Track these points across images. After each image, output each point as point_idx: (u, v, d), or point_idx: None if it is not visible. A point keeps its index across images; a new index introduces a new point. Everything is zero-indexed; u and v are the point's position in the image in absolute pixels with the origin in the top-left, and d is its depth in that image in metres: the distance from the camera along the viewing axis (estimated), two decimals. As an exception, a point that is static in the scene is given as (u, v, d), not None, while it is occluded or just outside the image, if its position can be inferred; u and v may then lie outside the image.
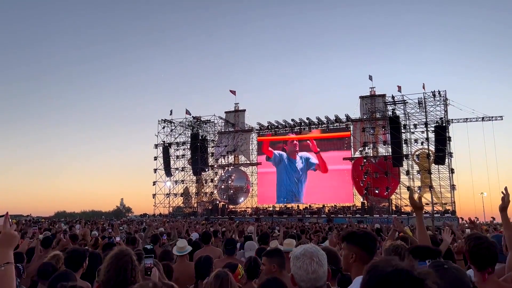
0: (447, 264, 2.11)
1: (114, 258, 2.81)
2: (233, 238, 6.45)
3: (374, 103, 46.64)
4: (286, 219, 40.27)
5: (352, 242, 2.67)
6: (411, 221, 35.66)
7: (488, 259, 2.92)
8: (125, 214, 74.79)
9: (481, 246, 2.93)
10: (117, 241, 6.59)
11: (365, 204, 43.88)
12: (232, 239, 6.30)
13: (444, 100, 43.08)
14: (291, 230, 13.62)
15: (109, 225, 18.29)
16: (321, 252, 2.49)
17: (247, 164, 55.07)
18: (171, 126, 53.25)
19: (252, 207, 52.56)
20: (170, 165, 52.58)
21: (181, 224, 15.73)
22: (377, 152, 46.21)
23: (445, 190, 42.73)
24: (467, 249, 3.01)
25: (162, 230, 12.28)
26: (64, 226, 17.77)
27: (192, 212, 51.37)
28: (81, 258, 3.94)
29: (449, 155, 41.98)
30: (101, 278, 2.79)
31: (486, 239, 2.99)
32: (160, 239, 8.63)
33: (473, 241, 2.98)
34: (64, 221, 25.88)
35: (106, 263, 2.83)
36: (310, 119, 49.89)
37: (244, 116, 55.42)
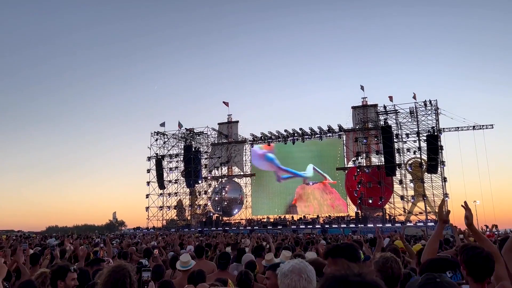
0: (440, 278, 2.06)
1: (112, 272, 2.81)
2: (227, 252, 6.37)
3: (366, 113, 46.94)
4: (280, 230, 40.06)
5: (337, 255, 2.63)
6: (405, 231, 35.67)
7: (487, 269, 2.86)
8: (118, 227, 73.95)
9: (479, 256, 2.87)
10: (107, 261, 6.21)
11: (359, 214, 43.86)
12: (226, 253, 6.22)
13: (436, 109, 43.50)
14: (286, 241, 13.49)
15: (101, 240, 17.98)
16: (309, 267, 2.42)
17: (240, 175, 54.93)
18: (164, 138, 53.09)
19: (246, 218, 52.28)
20: (163, 177, 52.29)
21: (174, 237, 15.55)
22: (370, 162, 46.38)
23: (438, 199, 42.83)
24: (463, 260, 2.95)
25: (154, 244, 12.12)
26: (54, 241, 17.47)
27: (186, 225, 50.94)
28: (58, 276, 3.83)
29: (442, 163, 42.24)
30: None
31: (483, 249, 2.94)
32: (153, 253, 8.50)
33: (470, 251, 2.92)
34: (54, 236, 25.46)
35: (104, 277, 2.83)
36: (303, 130, 50.04)
37: (237, 127, 55.46)
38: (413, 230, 37.62)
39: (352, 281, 1.19)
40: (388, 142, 42.46)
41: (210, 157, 53.88)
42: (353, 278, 1.20)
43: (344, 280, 1.19)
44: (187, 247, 11.10)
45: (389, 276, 3.08)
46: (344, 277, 1.21)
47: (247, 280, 4.02)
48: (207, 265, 6.33)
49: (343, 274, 1.22)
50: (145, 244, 12.17)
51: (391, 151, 42.45)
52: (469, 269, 2.91)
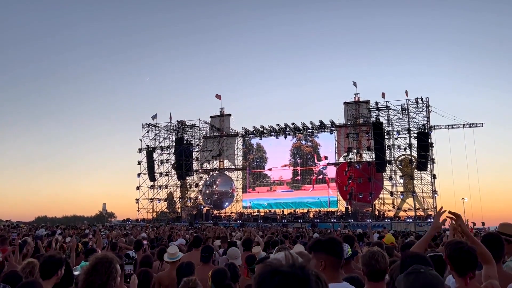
0: (424, 269, 2.09)
1: (97, 262, 2.81)
2: (210, 245, 6.37)
3: (358, 109, 47.13)
4: (270, 224, 40.21)
5: (319, 250, 2.64)
6: (394, 227, 36.08)
7: (469, 264, 2.91)
8: (108, 219, 73.66)
9: (462, 250, 2.92)
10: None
11: (349, 209, 44.17)
12: (209, 246, 6.22)
13: (427, 107, 43.80)
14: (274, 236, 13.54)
15: (90, 231, 17.92)
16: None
17: (232, 169, 54.93)
18: (156, 130, 52.82)
19: (237, 212, 52.37)
20: (154, 169, 52.11)
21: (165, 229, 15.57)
22: (361, 158, 46.65)
23: (427, 196, 43.32)
24: (447, 255, 3.00)
25: (144, 236, 12.12)
26: (44, 232, 17.36)
27: (176, 217, 50.90)
28: (56, 266, 3.83)
29: (431, 161, 42.64)
30: (81, 283, 2.78)
31: (466, 244, 3.00)
32: (144, 245, 8.50)
33: (453, 246, 2.98)
34: (43, 226, 25.29)
35: (87, 266, 2.83)
36: (295, 124, 50.15)
37: (230, 121, 55.39)
38: (401, 226, 38.09)
39: (283, 271, 1.18)
40: (379, 138, 42.74)
41: (202, 150, 53.78)
42: (286, 269, 1.19)
43: (275, 270, 1.19)
44: (176, 240, 11.11)
45: (375, 270, 3.12)
46: (277, 267, 1.21)
47: (235, 274, 4.04)
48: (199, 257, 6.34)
49: (277, 264, 1.22)
50: (134, 237, 12.14)
51: (382, 148, 42.75)
52: (452, 264, 2.97)
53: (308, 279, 1.18)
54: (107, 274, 2.77)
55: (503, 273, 3.40)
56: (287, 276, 1.17)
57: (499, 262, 3.47)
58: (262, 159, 53.48)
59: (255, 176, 53.54)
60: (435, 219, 3.55)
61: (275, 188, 51.75)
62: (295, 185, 50.67)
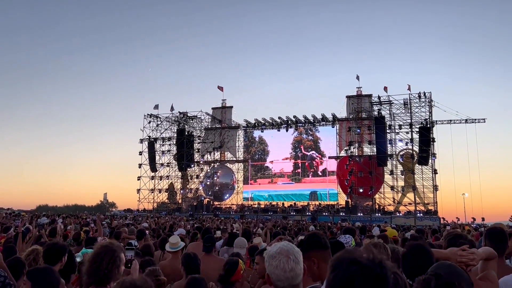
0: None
1: (101, 249, 2.87)
2: (212, 235, 6.41)
3: (360, 103, 47.02)
4: (270, 216, 40.36)
5: (306, 249, 2.61)
6: (394, 221, 36.19)
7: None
8: (109, 209, 73.90)
9: (461, 243, 2.94)
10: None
11: (349, 203, 44.25)
12: (211, 236, 6.26)
13: (429, 102, 43.63)
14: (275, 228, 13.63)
15: (91, 220, 18.05)
16: (296, 249, 2.44)
17: (233, 161, 54.99)
18: (157, 121, 52.82)
19: (237, 204, 52.55)
20: (155, 160, 52.19)
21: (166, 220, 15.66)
22: (362, 152, 46.63)
23: (428, 191, 43.35)
24: (446, 246, 3.03)
25: (145, 225, 12.20)
26: (46, 220, 17.48)
27: (177, 208, 51.08)
28: (59, 253, 3.88)
29: (433, 156, 42.56)
30: (85, 270, 2.84)
31: (466, 237, 3.02)
32: (146, 235, 8.58)
33: (452, 240, 3.00)
34: (45, 215, 25.44)
35: (92, 253, 2.89)
36: (297, 117, 50.07)
37: (231, 113, 55.33)
38: (402, 220, 38.21)
39: (362, 263, 1.17)
40: (381, 132, 42.64)
41: (203, 141, 53.79)
42: (365, 261, 1.18)
43: (354, 260, 1.18)
44: (177, 231, 11.18)
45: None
46: (357, 257, 1.20)
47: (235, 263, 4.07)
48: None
49: (358, 254, 1.21)
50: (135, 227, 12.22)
51: (384, 142, 42.65)
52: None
53: (386, 277, 1.16)
54: (111, 263, 2.81)
55: (505, 267, 3.40)
56: (364, 268, 1.16)
57: (502, 256, 3.47)
58: (264, 151, 53.58)
59: (257, 168, 53.70)
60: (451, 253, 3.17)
61: (276, 180, 51.94)
62: (296, 178, 50.81)
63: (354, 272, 1.14)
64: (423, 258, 2.48)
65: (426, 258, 2.50)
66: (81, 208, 78.92)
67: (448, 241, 3.01)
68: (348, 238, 4.77)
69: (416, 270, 2.41)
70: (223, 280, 3.61)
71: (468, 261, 2.51)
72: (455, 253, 2.61)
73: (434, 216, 39.96)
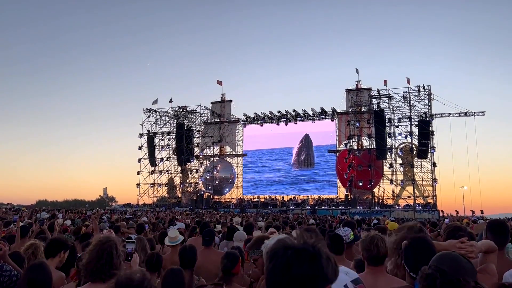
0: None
1: (99, 242, 2.89)
2: (211, 229, 6.41)
3: (359, 96, 46.94)
4: (270, 210, 40.46)
5: None
6: (393, 214, 36.29)
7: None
8: (109, 203, 73.99)
9: (460, 235, 2.94)
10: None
11: (349, 196, 44.34)
12: (211, 230, 6.27)
13: (428, 95, 43.56)
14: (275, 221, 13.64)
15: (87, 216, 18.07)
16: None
17: (232, 155, 55.02)
18: (156, 115, 52.73)
19: (237, 198, 52.64)
20: (155, 154, 52.18)
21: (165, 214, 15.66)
22: (362, 145, 46.63)
23: (427, 184, 43.46)
24: (445, 238, 3.03)
25: (145, 220, 12.21)
26: (46, 215, 17.49)
27: (177, 203, 51.17)
28: (60, 246, 3.89)
29: (432, 149, 42.58)
30: (83, 261, 2.87)
31: (465, 229, 3.02)
32: (145, 229, 8.58)
33: (451, 230, 3.00)
34: (45, 210, 25.47)
35: (90, 246, 2.91)
36: (296, 111, 50.02)
37: (231, 107, 55.24)
38: (401, 213, 38.31)
39: (296, 247, 1.25)
40: (380, 126, 42.62)
41: (203, 136, 53.77)
42: (298, 245, 1.26)
43: (288, 246, 1.26)
44: (176, 225, 11.19)
45: (375, 254, 3.14)
46: (290, 243, 1.27)
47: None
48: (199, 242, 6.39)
49: (290, 241, 1.29)
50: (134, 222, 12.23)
51: (383, 135, 42.66)
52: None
53: (319, 255, 1.23)
54: (109, 256, 2.82)
55: (504, 260, 3.40)
56: (299, 251, 1.23)
57: (503, 248, 3.47)
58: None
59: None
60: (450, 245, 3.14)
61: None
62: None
63: (290, 255, 1.22)
64: (425, 251, 2.50)
65: (429, 251, 2.51)
66: (81, 203, 78.97)
67: (447, 233, 3.01)
68: (346, 231, 4.77)
69: (419, 263, 2.42)
70: (226, 271, 3.65)
71: (467, 253, 2.52)
72: (454, 245, 2.62)
73: (434, 209, 40.07)
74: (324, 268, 1.23)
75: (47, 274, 3.16)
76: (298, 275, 1.20)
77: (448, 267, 1.94)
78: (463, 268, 1.96)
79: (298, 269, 1.20)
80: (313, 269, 1.21)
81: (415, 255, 2.48)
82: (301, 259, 1.21)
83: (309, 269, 1.21)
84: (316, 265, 1.22)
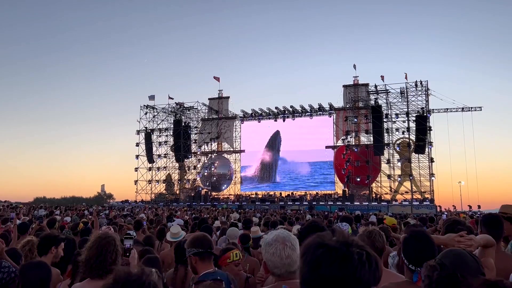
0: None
1: (98, 238, 2.90)
2: (209, 226, 6.42)
3: (357, 92, 46.96)
4: (268, 206, 40.51)
5: (305, 236, 2.61)
6: (391, 209, 36.41)
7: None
8: (106, 200, 73.98)
9: (459, 229, 2.95)
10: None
11: (346, 192, 44.44)
12: (208, 226, 6.28)
13: (426, 90, 43.64)
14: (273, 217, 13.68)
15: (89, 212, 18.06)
16: (292, 236, 2.44)
17: (230, 151, 55.01)
18: (154, 112, 52.62)
19: (235, 194, 52.69)
20: (152, 151, 52.11)
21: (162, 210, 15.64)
22: (359, 141, 46.68)
23: (424, 179, 43.60)
24: (444, 232, 3.04)
25: (143, 216, 12.21)
26: (43, 212, 17.47)
27: (175, 199, 51.19)
28: (50, 242, 3.89)
29: (429, 144, 42.69)
30: (82, 257, 2.88)
31: (464, 223, 3.02)
32: (143, 225, 8.58)
33: (450, 224, 3.01)
34: (42, 207, 25.44)
35: (89, 243, 2.92)
36: (294, 107, 50.03)
37: (228, 103, 55.20)
38: (398, 208, 38.44)
39: (329, 245, 1.19)
40: (378, 121, 42.68)
41: (200, 132, 53.73)
42: (332, 243, 1.20)
43: (322, 243, 1.20)
44: (175, 221, 11.19)
45: (373, 249, 3.14)
46: (325, 240, 1.21)
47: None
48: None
49: (327, 238, 1.22)
50: (132, 218, 12.23)
51: (380, 131, 42.73)
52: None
53: (351, 256, 1.16)
54: (108, 252, 2.83)
55: (502, 253, 3.41)
56: (330, 250, 1.17)
57: (499, 241, 3.48)
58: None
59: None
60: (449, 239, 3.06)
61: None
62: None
63: (321, 254, 1.17)
64: (424, 244, 2.53)
65: (428, 244, 2.54)
66: (78, 200, 78.98)
67: (446, 227, 3.02)
68: (345, 226, 4.78)
69: (418, 256, 2.44)
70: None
71: (466, 247, 2.52)
72: (452, 239, 2.62)
73: (431, 204, 40.23)
74: (358, 271, 1.15)
75: (45, 272, 3.16)
76: (326, 275, 1.14)
77: (450, 262, 1.95)
78: (466, 264, 1.97)
79: (327, 269, 1.15)
80: (342, 271, 1.14)
81: (414, 247, 2.51)
82: (331, 259, 1.16)
83: (339, 271, 1.14)
84: (347, 266, 1.15)
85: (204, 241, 3.29)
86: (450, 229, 2.97)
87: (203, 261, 3.19)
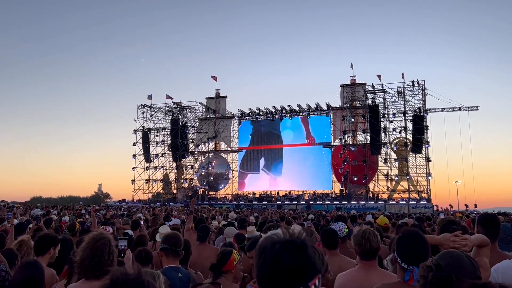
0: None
1: (92, 239, 2.88)
2: (206, 225, 6.42)
3: (354, 91, 46.98)
4: (265, 205, 40.51)
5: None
6: (388, 209, 36.49)
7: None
8: (103, 200, 73.78)
9: (454, 229, 2.96)
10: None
11: (343, 191, 44.50)
12: (205, 225, 6.27)
13: (423, 90, 43.74)
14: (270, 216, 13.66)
15: (86, 211, 18.00)
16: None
17: (227, 151, 54.97)
18: (151, 111, 52.51)
19: (232, 193, 52.67)
20: (149, 150, 52.02)
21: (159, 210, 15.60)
22: (356, 140, 46.76)
23: (421, 178, 43.71)
24: (439, 232, 3.04)
25: (140, 216, 12.18)
26: (40, 212, 17.41)
27: (172, 199, 51.11)
28: (49, 243, 3.88)
29: (426, 144, 42.79)
30: (77, 258, 2.86)
31: (459, 223, 3.03)
32: (140, 225, 8.55)
33: (445, 224, 3.02)
34: (39, 206, 25.34)
35: (84, 244, 2.89)
36: (291, 107, 50.01)
37: (225, 103, 55.13)
38: (395, 208, 38.52)
39: (283, 240, 1.29)
40: (375, 121, 42.74)
41: (198, 131, 53.66)
42: (285, 238, 1.30)
43: (276, 241, 1.29)
44: (172, 221, 11.17)
45: (367, 249, 3.15)
46: (277, 238, 1.31)
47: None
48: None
49: (277, 236, 1.31)
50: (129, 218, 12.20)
51: (377, 130, 42.81)
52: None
53: (306, 245, 1.27)
54: (103, 253, 2.82)
55: (497, 252, 3.42)
56: (287, 243, 1.27)
57: (495, 241, 3.49)
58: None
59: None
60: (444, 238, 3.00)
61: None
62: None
63: (279, 249, 1.26)
64: (417, 242, 2.53)
65: (420, 242, 2.55)
66: (75, 200, 78.61)
67: (441, 227, 3.03)
68: (341, 225, 4.80)
69: (412, 255, 2.45)
70: (214, 268, 3.62)
71: (461, 247, 2.53)
72: (447, 239, 2.63)
73: (428, 204, 40.32)
74: (312, 257, 1.27)
75: (39, 272, 3.14)
76: (288, 266, 1.23)
77: (446, 264, 1.96)
78: (462, 267, 1.98)
79: (287, 260, 1.24)
80: (301, 259, 1.25)
81: (407, 246, 2.52)
82: (289, 251, 1.25)
83: (298, 260, 1.25)
84: (304, 255, 1.26)
85: (172, 239, 3.62)
86: (445, 229, 2.98)
87: (167, 257, 3.55)
